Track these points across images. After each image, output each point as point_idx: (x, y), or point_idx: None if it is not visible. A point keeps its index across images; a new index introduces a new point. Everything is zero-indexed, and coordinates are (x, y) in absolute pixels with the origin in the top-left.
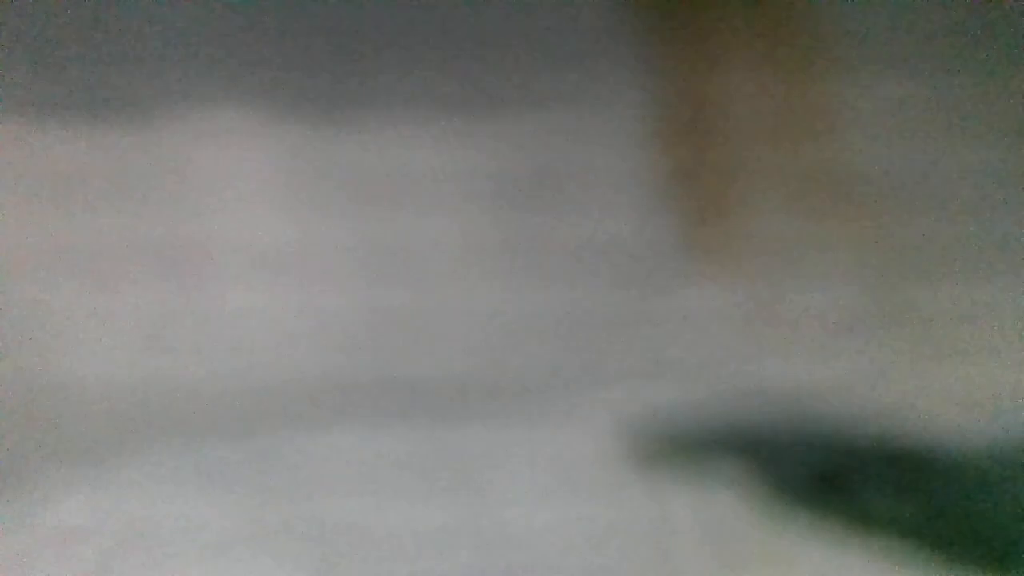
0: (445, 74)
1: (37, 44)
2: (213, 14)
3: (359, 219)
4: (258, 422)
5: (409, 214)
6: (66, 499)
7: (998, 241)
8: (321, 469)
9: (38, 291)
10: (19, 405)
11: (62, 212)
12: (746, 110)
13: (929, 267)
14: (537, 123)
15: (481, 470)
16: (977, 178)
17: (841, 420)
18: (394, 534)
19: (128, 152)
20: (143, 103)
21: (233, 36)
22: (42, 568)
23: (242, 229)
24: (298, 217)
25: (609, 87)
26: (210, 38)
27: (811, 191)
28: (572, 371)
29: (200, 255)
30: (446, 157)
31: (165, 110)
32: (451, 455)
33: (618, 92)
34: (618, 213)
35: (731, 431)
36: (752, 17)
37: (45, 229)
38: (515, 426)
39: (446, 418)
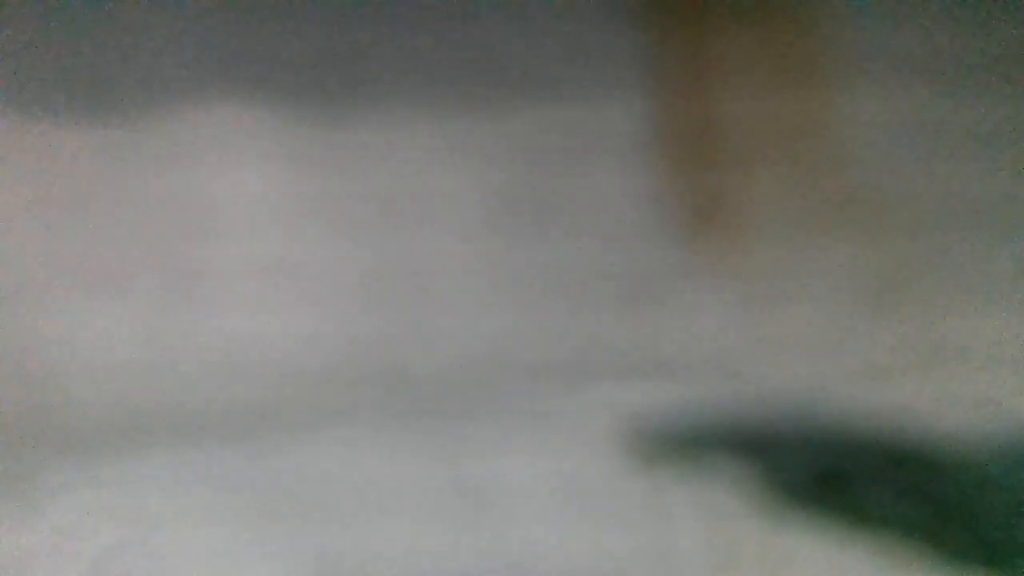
0: (446, 72)
1: (37, 44)
2: (213, 13)
3: (358, 213)
4: (257, 422)
5: (408, 209)
6: (66, 499)
7: (998, 241)
8: (320, 469)
9: (38, 294)
10: (19, 405)
11: (61, 212)
12: (747, 109)
13: (929, 268)
14: (537, 123)
15: (480, 469)
16: (979, 177)
17: (841, 420)
18: (393, 532)
19: (127, 151)
20: (143, 102)
21: (233, 35)
22: (42, 568)
23: (242, 229)
24: (297, 216)
25: (610, 86)
26: (209, 36)
27: (812, 188)
28: (572, 370)
29: (200, 255)
30: (445, 156)
31: (165, 109)
32: (450, 455)
33: (619, 92)
34: (618, 211)
35: (731, 431)
36: (754, 21)
37: (44, 230)
38: (515, 425)
39: (446, 418)
